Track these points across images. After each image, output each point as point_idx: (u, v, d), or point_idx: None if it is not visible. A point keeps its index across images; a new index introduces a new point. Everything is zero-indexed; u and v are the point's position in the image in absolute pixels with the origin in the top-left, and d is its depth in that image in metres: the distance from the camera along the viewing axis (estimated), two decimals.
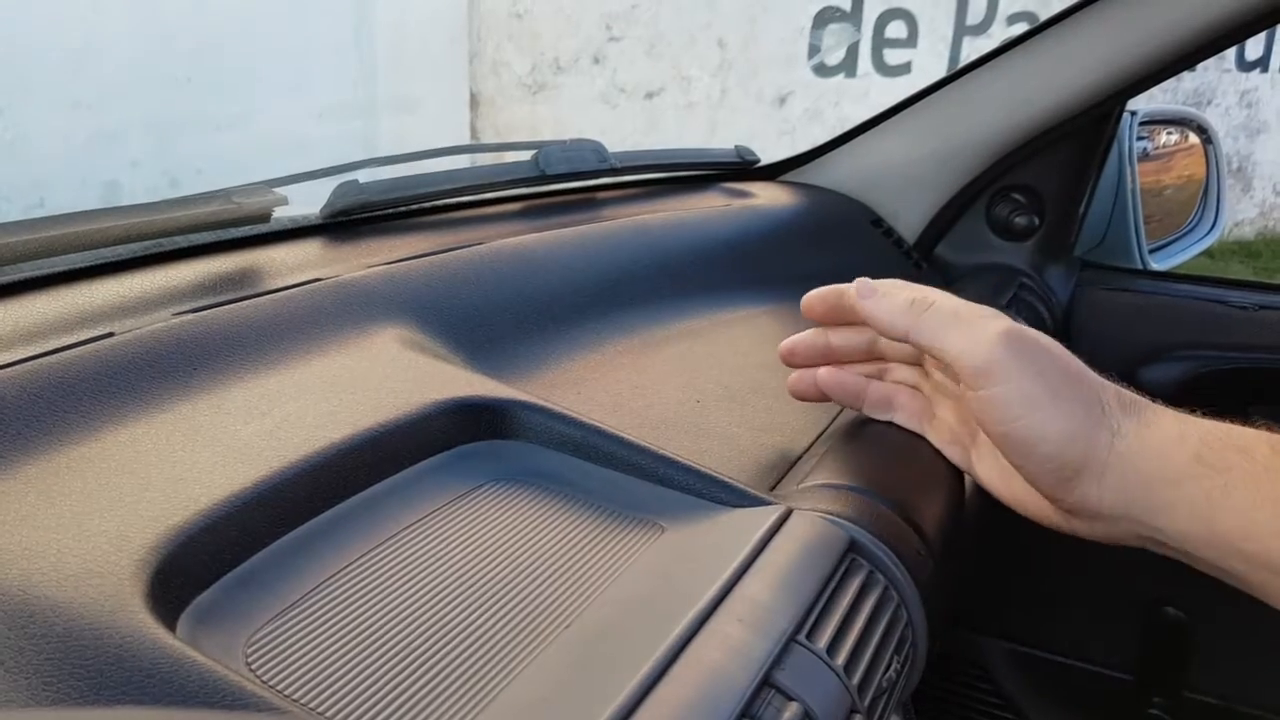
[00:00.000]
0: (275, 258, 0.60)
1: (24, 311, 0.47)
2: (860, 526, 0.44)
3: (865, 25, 4.46)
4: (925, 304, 0.48)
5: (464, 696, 0.33)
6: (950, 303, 0.49)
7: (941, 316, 0.48)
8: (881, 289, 0.50)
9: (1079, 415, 0.45)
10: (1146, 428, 0.45)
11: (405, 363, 0.51)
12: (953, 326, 0.47)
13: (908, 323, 0.48)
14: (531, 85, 3.98)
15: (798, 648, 0.37)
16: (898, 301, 0.49)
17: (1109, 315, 1.01)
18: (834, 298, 0.54)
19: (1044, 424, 0.45)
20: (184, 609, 0.34)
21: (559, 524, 0.43)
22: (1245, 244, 5.31)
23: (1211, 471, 0.43)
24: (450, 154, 0.81)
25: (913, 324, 0.48)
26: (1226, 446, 0.44)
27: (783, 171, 1.07)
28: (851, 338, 0.55)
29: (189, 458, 0.40)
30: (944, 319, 0.48)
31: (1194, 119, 1.28)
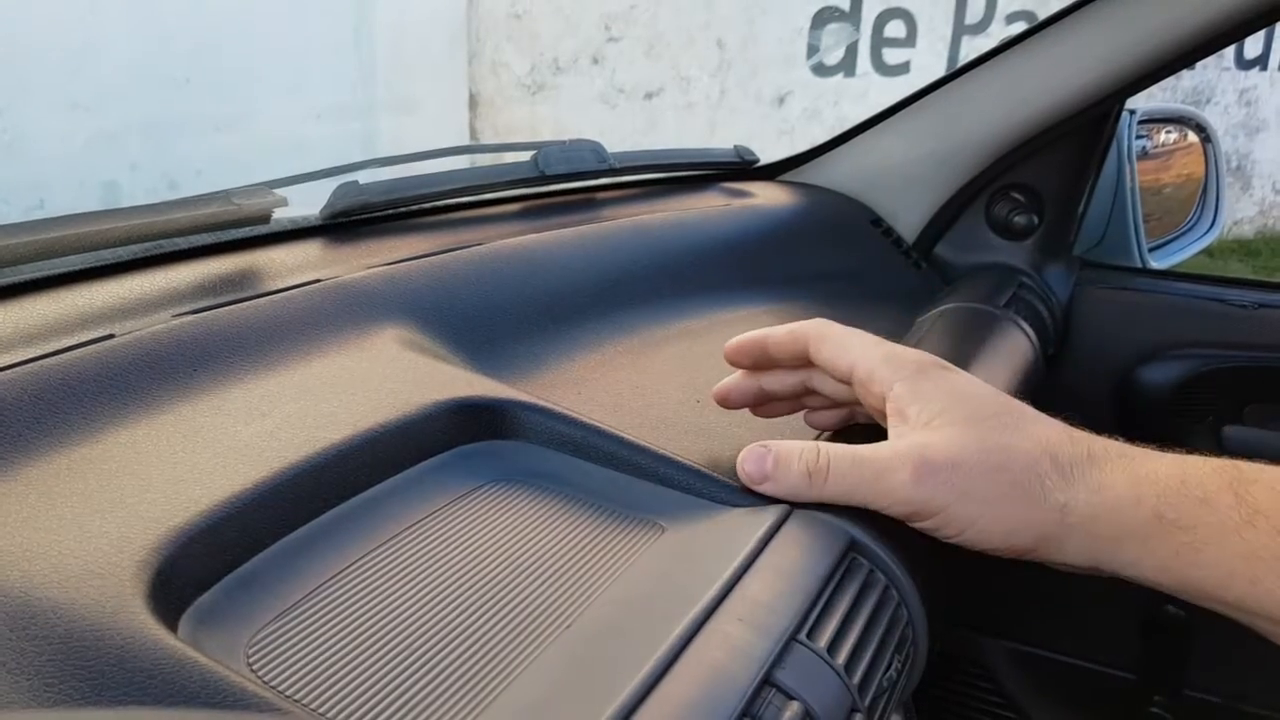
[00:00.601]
0: (275, 259, 0.60)
1: (24, 313, 0.47)
2: (860, 525, 0.44)
3: (864, 25, 4.46)
4: (823, 472, 0.44)
5: (465, 697, 0.33)
6: (846, 454, 0.44)
7: (845, 477, 0.44)
8: (774, 460, 0.45)
9: (1019, 510, 0.43)
10: (1098, 493, 0.42)
11: (405, 363, 0.51)
12: (866, 479, 0.44)
13: (817, 490, 0.44)
14: (531, 86, 3.98)
15: (798, 647, 0.37)
16: (793, 478, 0.45)
17: (1108, 314, 1.01)
18: (755, 348, 0.52)
19: (986, 531, 0.43)
20: (185, 610, 0.34)
21: (559, 524, 0.43)
22: (1245, 242, 5.31)
23: (1175, 529, 0.41)
24: (449, 154, 0.81)
25: (820, 490, 0.44)
26: (1187, 499, 0.41)
27: (782, 171, 1.07)
28: (784, 379, 0.53)
29: (190, 459, 0.40)
30: (849, 479, 0.44)
31: (1193, 117, 1.28)
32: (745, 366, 0.53)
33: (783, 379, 0.53)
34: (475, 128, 3.90)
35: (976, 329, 0.80)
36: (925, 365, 0.48)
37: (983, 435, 0.44)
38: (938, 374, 0.47)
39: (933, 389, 0.46)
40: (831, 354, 0.49)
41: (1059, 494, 0.43)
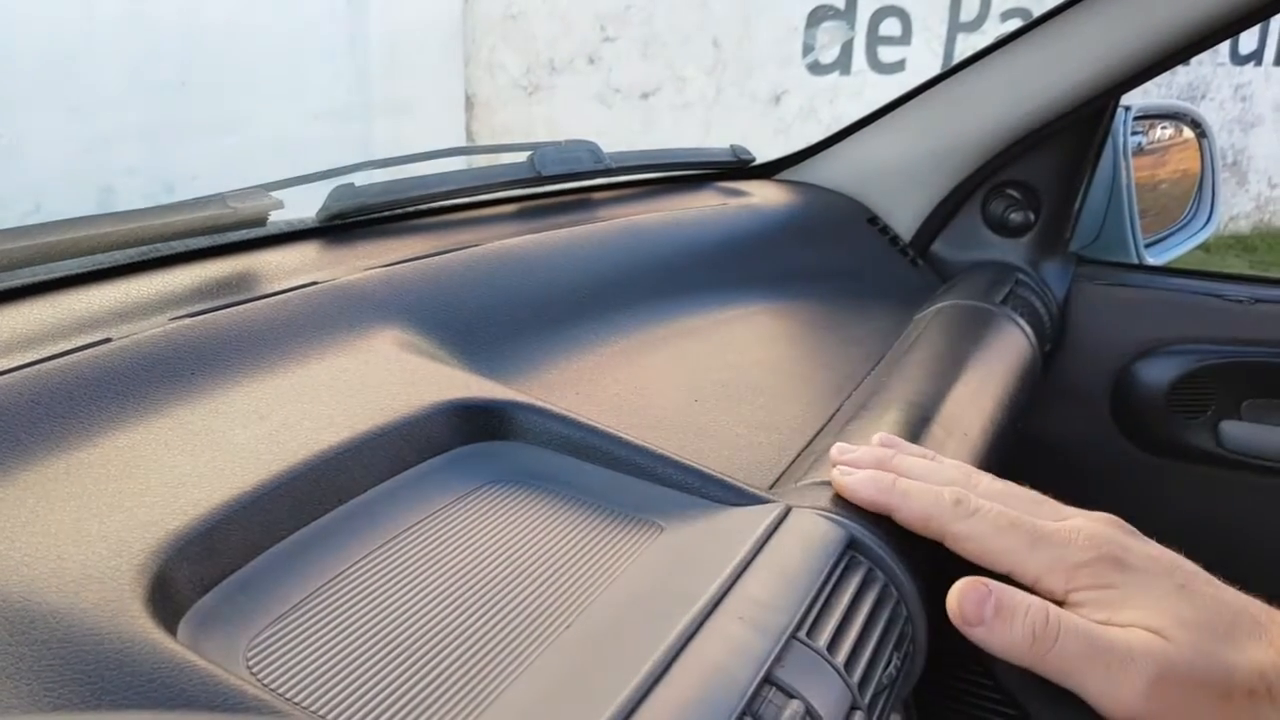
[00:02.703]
0: (271, 262, 0.60)
1: (21, 318, 0.47)
2: (859, 523, 0.44)
3: (859, 23, 4.46)
4: (1053, 633, 0.40)
5: (465, 698, 0.33)
6: (1079, 628, 0.40)
7: (1073, 655, 0.40)
8: (995, 606, 0.41)
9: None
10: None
11: (402, 365, 0.51)
12: (1095, 662, 0.40)
13: (1035, 656, 0.41)
14: (527, 86, 3.98)
15: (798, 645, 0.37)
16: (1014, 634, 0.41)
17: (1105, 310, 1.01)
18: (879, 508, 0.46)
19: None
20: (184, 613, 0.34)
21: (558, 525, 0.43)
22: (1241, 238, 5.31)
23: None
24: (446, 156, 0.81)
25: (1039, 658, 0.41)
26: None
27: (778, 170, 1.07)
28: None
29: (188, 462, 0.40)
30: (1080, 652, 0.40)
31: (1188, 113, 1.28)
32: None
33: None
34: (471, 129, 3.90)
35: (973, 326, 0.80)
36: (1103, 560, 0.42)
37: (1210, 651, 0.40)
38: (1127, 566, 0.42)
39: (1137, 590, 0.42)
40: (977, 555, 0.44)
41: (1271, 717, 0.39)
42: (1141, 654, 0.39)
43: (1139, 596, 0.41)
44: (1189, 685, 0.39)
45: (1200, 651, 0.40)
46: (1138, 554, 0.43)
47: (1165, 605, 0.41)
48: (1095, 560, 0.42)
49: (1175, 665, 0.39)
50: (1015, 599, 0.41)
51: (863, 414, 0.57)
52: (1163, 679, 0.39)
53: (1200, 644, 0.40)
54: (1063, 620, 0.40)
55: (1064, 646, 0.40)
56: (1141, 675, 0.39)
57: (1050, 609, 0.41)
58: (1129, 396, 0.98)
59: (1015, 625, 0.41)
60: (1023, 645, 0.41)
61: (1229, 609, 0.42)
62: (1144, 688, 0.39)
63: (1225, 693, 0.39)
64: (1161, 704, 0.39)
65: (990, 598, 0.41)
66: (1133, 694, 0.39)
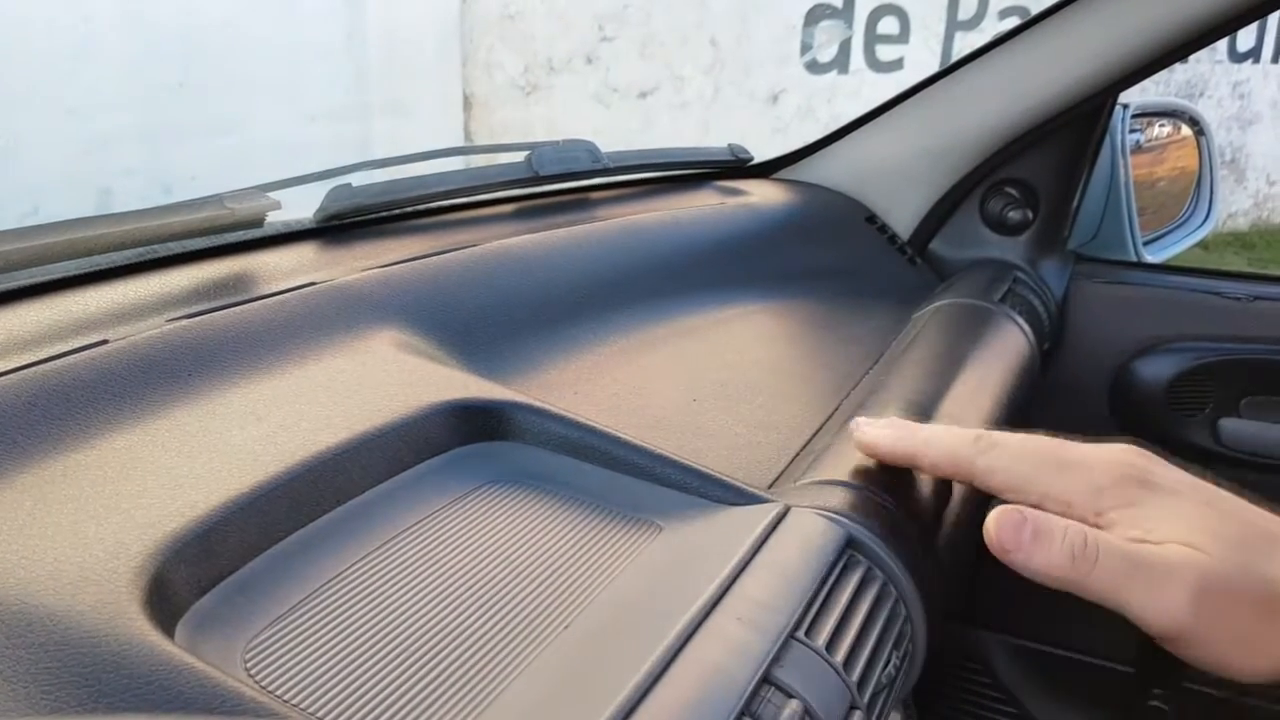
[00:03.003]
0: (269, 262, 0.60)
1: (19, 319, 0.47)
2: (858, 523, 0.44)
3: (857, 21, 4.46)
4: (1092, 554, 0.41)
5: (463, 699, 0.33)
6: (1116, 547, 0.41)
7: (1114, 571, 0.40)
8: (1033, 532, 0.42)
9: (1270, 654, 0.40)
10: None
11: (400, 366, 0.51)
12: (1136, 579, 0.40)
13: (1077, 576, 0.41)
14: (525, 86, 3.97)
15: (797, 645, 0.37)
16: (1053, 556, 0.41)
17: (1104, 308, 1.01)
18: (903, 460, 0.48)
19: (1242, 671, 0.41)
20: (182, 615, 0.34)
21: (556, 525, 0.43)
22: (1240, 235, 5.31)
23: None
24: (443, 156, 0.81)
25: (1083, 578, 0.41)
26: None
27: (776, 169, 1.07)
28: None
29: (185, 464, 0.40)
30: (1120, 570, 0.40)
31: (1186, 111, 1.28)
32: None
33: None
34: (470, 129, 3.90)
35: (972, 325, 0.80)
36: (1127, 480, 0.43)
37: (1246, 563, 0.40)
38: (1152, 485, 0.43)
39: (1164, 508, 0.42)
40: (1004, 486, 0.45)
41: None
42: (1181, 567, 0.40)
43: (1169, 514, 0.42)
44: (1230, 596, 0.40)
45: (1236, 564, 0.40)
46: (1162, 475, 0.43)
47: (1196, 520, 0.41)
48: (1122, 480, 0.43)
49: (1215, 577, 0.40)
50: (1052, 523, 0.42)
51: (861, 413, 0.57)
52: (1205, 591, 0.39)
53: (1236, 557, 0.40)
54: (1101, 541, 0.41)
55: (1104, 566, 0.40)
56: (1184, 588, 0.39)
57: (1088, 531, 0.41)
58: (1128, 394, 0.98)
59: (1054, 548, 0.41)
60: (1063, 567, 0.41)
61: (1259, 525, 0.42)
62: (1187, 600, 0.39)
63: (1265, 606, 0.40)
64: (1205, 615, 0.39)
65: (1027, 524, 0.42)
66: (1176, 607, 0.39)
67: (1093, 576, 0.40)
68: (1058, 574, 0.41)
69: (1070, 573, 0.41)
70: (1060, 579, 0.41)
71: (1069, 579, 0.41)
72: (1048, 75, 0.93)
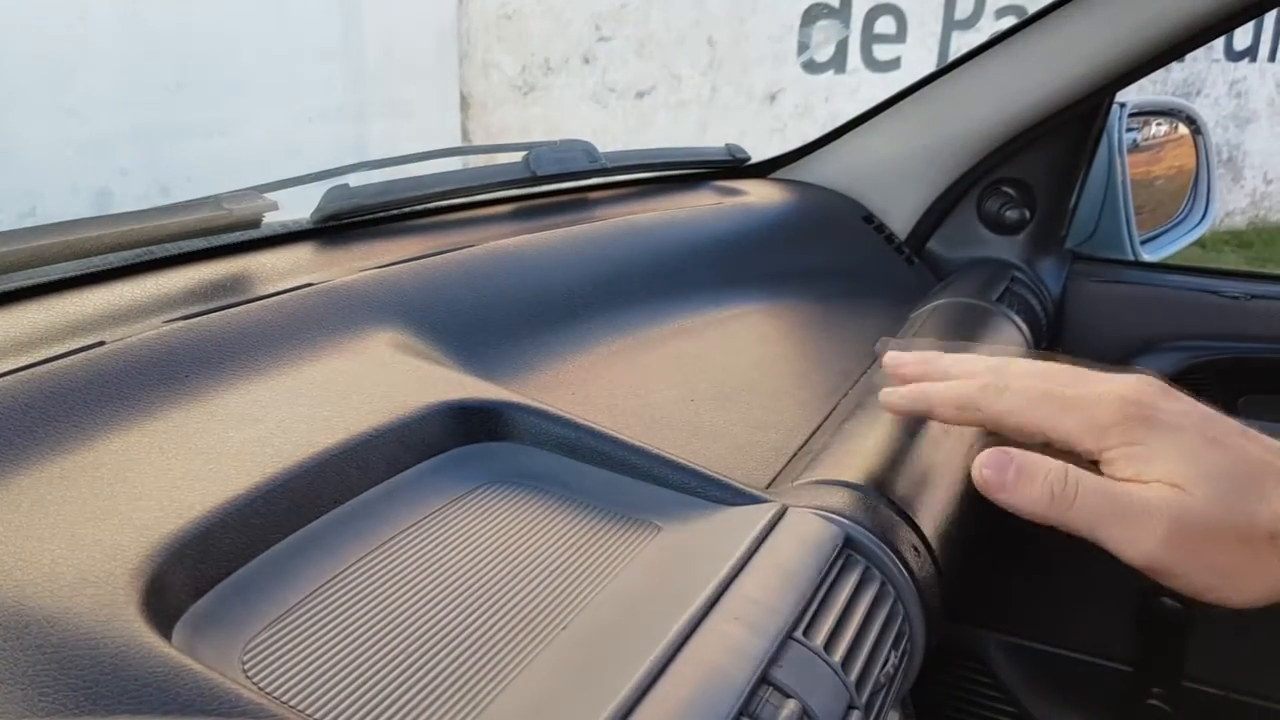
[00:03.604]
0: (266, 263, 0.60)
1: (15, 321, 0.47)
2: (856, 522, 0.44)
3: (854, 21, 4.46)
4: (1072, 492, 0.43)
5: (462, 700, 0.33)
6: (1096, 484, 0.43)
7: (1092, 508, 0.42)
8: (1016, 470, 0.44)
9: (1259, 583, 0.42)
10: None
11: (398, 366, 0.51)
12: (1112, 517, 0.42)
13: (1057, 512, 0.43)
14: (522, 86, 3.97)
15: (795, 645, 0.37)
16: (1034, 494, 0.43)
17: (1101, 307, 1.01)
18: (918, 409, 0.49)
19: (1229, 600, 0.42)
20: (179, 617, 0.34)
21: (555, 525, 0.43)
22: (1237, 233, 5.32)
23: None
24: (441, 156, 0.81)
25: (1063, 514, 0.43)
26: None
27: (774, 169, 1.07)
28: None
29: (182, 466, 0.40)
30: (1098, 507, 0.42)
31: (1183, 109, 1.29)
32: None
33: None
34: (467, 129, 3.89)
35: (969, 324, 0.80)
36: (1131, 419, 0.44)
37: (1230, 501, 0.42)
38: (1155, 423, 0.44)
39: (1165, 446, 0.43)
40: (1014, 429, 0.46)
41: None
42: (1159, 507, 0.42)
43: (1167, 452, 0.43)
44: (1208, 534, 0.41)
45: (1220, 502, 0.42)
46: (1168, 411, 0.45)
47: (1191, 460, 0.43)
48: (1124, 420, 0.44)
49: (1192, 516, 0.41)
50: (1035, 462, 0.44)
51: (859, 413, 0.57)
52: (1180, 529, 0.41)
53: (1221, 495, 0.42)
54: (1081, 479, 0.43)
55: (1083, 503, 0.42)
56: (1158, 527, 0.41)
57: (1069, 469, 0.43)
58: None
59: (1035, 486, 0.43)
60: (1043, 503, 0.43)
61: (1256, 460, 0.44)
62: (1161, 537, 0.41)
63: (1245, 537, 0.41)
64: (1180, 552, 0.41)
65: (1012, 463, 0.44)
66: (1151, 544, 0.41)
67: (1072, 513, 0.43)
68: (1040, 510, 0.43)
69: (1050, 509, 0.43)
70: (1043, 515, 0.43)
71: (1050, 515, 0.43)
72: (1045, 74, 0.93)
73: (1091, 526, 0.43)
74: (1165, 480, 0.42)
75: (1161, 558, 0.42)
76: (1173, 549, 0.41)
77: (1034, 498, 0.43)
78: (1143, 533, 0.42)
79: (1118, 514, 0.42)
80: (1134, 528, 0.42)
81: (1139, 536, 0.42)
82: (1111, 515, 0.42)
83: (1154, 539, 0.41)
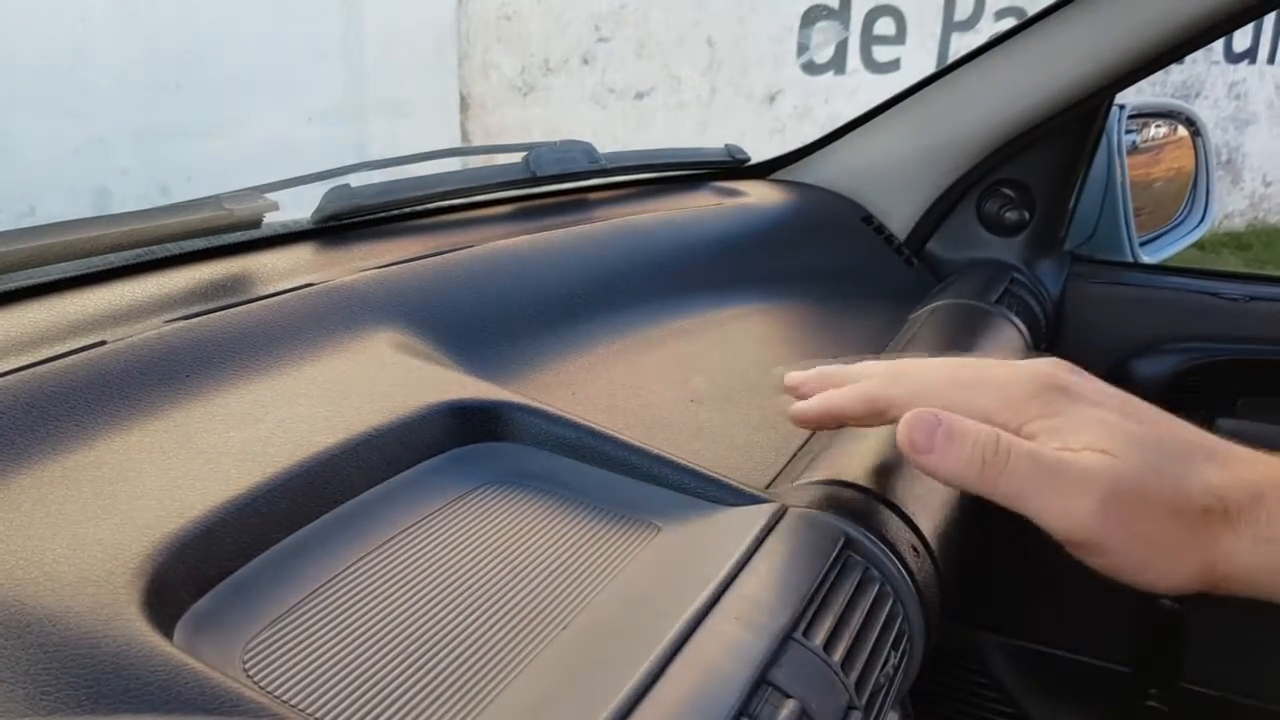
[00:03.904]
0: (267, 263, 0.60)
1: (16, 321, 0.47)
2: (856, 523, 0.44)
3: (853, 22, 4.46)
4: (1003, 457, 0.40)
5: (462, 699, 0.33)
6: (1027, 450, 0.41)
7: (1022, 475, 0.40)
8: (945, 433, 0.41)
9: (1193, 561, 0.40)
10: (1268, 544, 0.39)
11: (398, 366, 0.51)
12: (1045, 483, 0.40)
13: (988, 479, 0.41)
14: (521, 87, 3.97)
15: (794, 645, 0.37)
16: (963, 459, 0.41)
17: (1100, 308, 1.01)
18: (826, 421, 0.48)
19: (1156, 583, 0.40)
20: (180, 616, 0.34)
21: (554, 526, 0.43)
22: (1236, 235, 5.32)
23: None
24: (441, 157, 0.81)
25: (990, 483, 0.41)
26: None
27: (773, 170, 1.07)
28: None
29: (183, 465, 0.40)
30: (1030, 474, 0.40)
31: (1182, 111, 1.29)
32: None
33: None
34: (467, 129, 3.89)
35: (969, 325, 0.80)
36: (1048, 390, 0.43)
37: (1161, 468, 0.40)
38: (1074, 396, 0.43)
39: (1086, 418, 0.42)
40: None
41: (1226, 540, 0.40)
42: (1092, 473, 0.40)
43: (1089, 422, 0.41)
44: (1140, 501, 0.39)
45: (1151, 468, 0.40)
46: (1085, 387, 0.43)
47: (1116, 431, 0.41)
48: (1041, 391, 0.42)
49: (1125, 482, 0.39)
50: (965, 425, 0.41)
51: None
52: (1114, 495, 0.39)
53: (1152, 461, 0.40)
54: (1013, 445, 0.41)
55: (1014, 469, 0.40)
56: (1092, 493, 0.39)
57: (1001, 435, 0.41)
58: None
59: (965, 450, 0.41)
60: (973, 470, 0.41)
61: (1181, 436, 0.42)
62: (1095, 505, 0.39)
63: (1177, 510, 0.40)
64: (1113, 522, 0.39)
65: (940, 425, 0.41)
66: (1085, 511, 0.39)
67: (1002, 480, 0.40)
68: (970, 476, 0.41)
69: (981, 476, 0.40)
70: (972, 482, 0.41)
71: (979, 483, 0.41)
72: (1044, 76, 0.93)
73: (1022, 495, 0.40)
74: (1093, 448, 0.40)
75: (1094, 530, 0.40)
76: (1106, 520, 0.39)
77: (963, 463, 0.41)
78: (1076, 501, 0.39)
79: (1051, 480, 0.40)
80: (1067, 495, 0.40)
81: (1072, 506, 0.39)
82: (1044, 482, 0.40)
83: (1086, 509, 0.39)
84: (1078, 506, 0.39)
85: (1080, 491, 0.39)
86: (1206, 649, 0.93)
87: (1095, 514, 0.39)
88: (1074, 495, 0.40)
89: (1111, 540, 0.40)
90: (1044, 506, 0.40)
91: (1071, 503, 0.40)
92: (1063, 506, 0.40)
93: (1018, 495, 0.40)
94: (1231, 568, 0.40)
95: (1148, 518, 0.40)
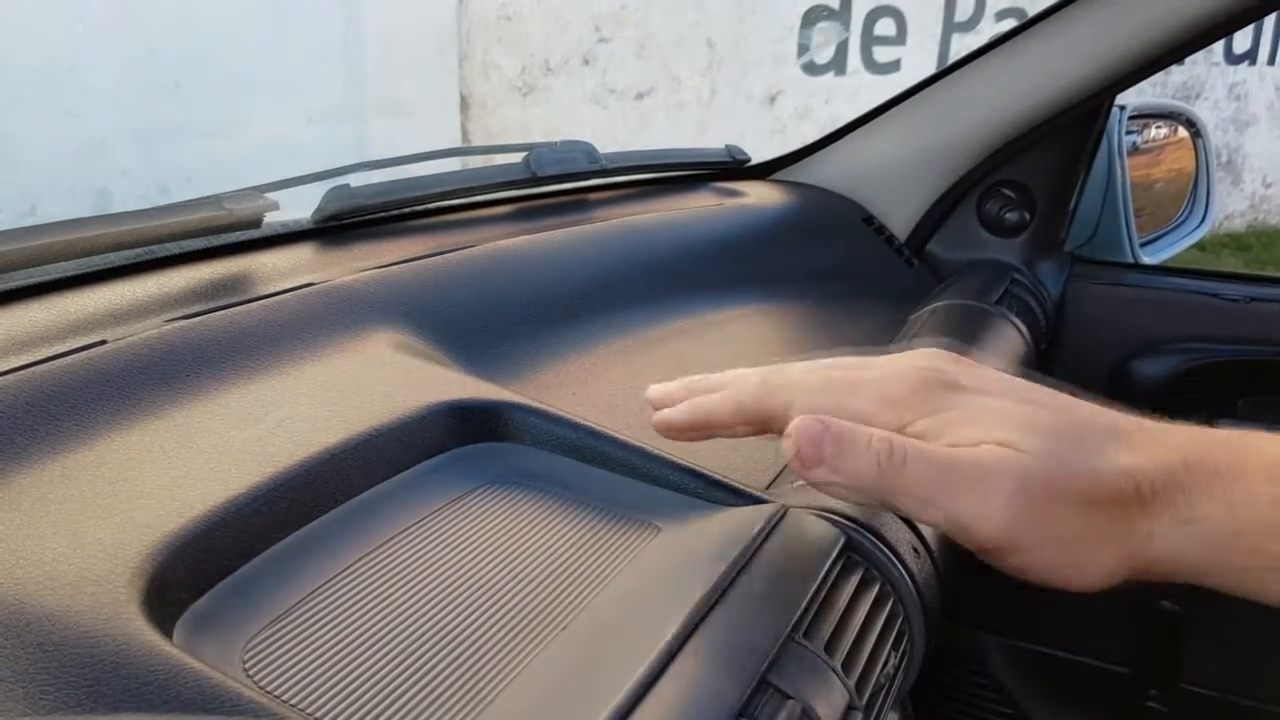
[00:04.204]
0: (267, 263, 0.60)
1: (17, 320, 0.47)
2: (856, 524, 0.44)
3: (854, 23, 4.46)
4: (900, 461, 0.37)
5: (462, 699, 0.33)
6: (922, 448, 0.37)
7: (927, 471, 0.37)
8: (834, 440, 0.37)
9: (1112, 552, 0.37)
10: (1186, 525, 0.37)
11: (398, 366, 0.51)
12: (949, 485, 0.37)
13: (885, 486, 0.37)
14: (522, 87, 3.97)
15: (795, 646, 0.37)
16: (859, 464, 0.37)
17: (1101, 309, 1.01)
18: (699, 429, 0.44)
19: (1070, 581, 0.38)
20: (180, 616, 0.34)
21: (554, 526, 0.43)
22: (1236, 236, 5.32)
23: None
24: (441, 157, 0.81)
25: (890, 485, 0.37)
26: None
27: (773, 170, 1.07)
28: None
29: (183, 464, 0.40)
30: (931, 477, 0.37)
31: (1183, 112, 1.29)
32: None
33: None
34: (467, 130, 3.90)
35: (969, 325, 0.80)
36: (928, 385, 0.40)
37: (1067, 456, 0.37)
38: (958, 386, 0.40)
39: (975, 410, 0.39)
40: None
41: (1143, 525, 0.37)
42: (996, 468, 0.36)
43: (979, 414, 0.38)
44: (1051, 494, 0.36)
45: (1057, 457, 0.37)
46: (966, 375, 0.40)
47: (1011, 417, 0.38)
48: (922, 386, 0.39)
49: (1032, 474, 0.36)
50: (855, 431, 0.38)
51: None
52: (1023, 490, 0.36)
53: (1056, 450, 0.37)
54: (909, 447, 0.37)
55: (914, 473, 0.37)
56: (1000, 490, 0.36)
57: (894, 437, 0.37)
58: (1124, 395, 0.98)
59: (859, 458, 0.37)
60: (869, 478, 0.37)
61: (1079, 417, 0.39)
62: (1004, 502, 0.36)
63: (1089, 499, 0.37)
64: (1025, 517, 0.36)
65: (827, 433, 0.37)
66: (994, 511, 0.36)
67: (901, 485, 0.37)
68: (867, 485, 0.37)
69: (878, 482, 0.37)
70: (869, 490, 0.37)
71: (876, 490, 0.37)
72: (1045, 77, 0.93)
73: (924, 501, 0.37)
74: (990, 441, 0.37)
75: (1006, 530, 0.36)
76: (1019, 517, 0.36)
77: (859, 474, 0.37)
78: (986, 501, 0.36)
79: (954, 481, 0.36)
80: (974, 496, 0.36)
81: (982, 507, 0.36)
82: (947, 483, 0.36)
83: (997, 508, 0.36)
84: (988, 505, 0.36)
85: (987, 489, 0.36)
86: (1206, 649, 0.93)
87: (1005, 511, 0.36)
88: (982, 495, 0.36)
89: (1023, 540, 0.37)
90: (951, 511, 0.37)
91: (981, 502, 0.36)
92: (972, 508, 0.36)
93: (920, 502, 0.37)
94: (1154, 554, 0.37)
95: (1060, 512, 0.36)
